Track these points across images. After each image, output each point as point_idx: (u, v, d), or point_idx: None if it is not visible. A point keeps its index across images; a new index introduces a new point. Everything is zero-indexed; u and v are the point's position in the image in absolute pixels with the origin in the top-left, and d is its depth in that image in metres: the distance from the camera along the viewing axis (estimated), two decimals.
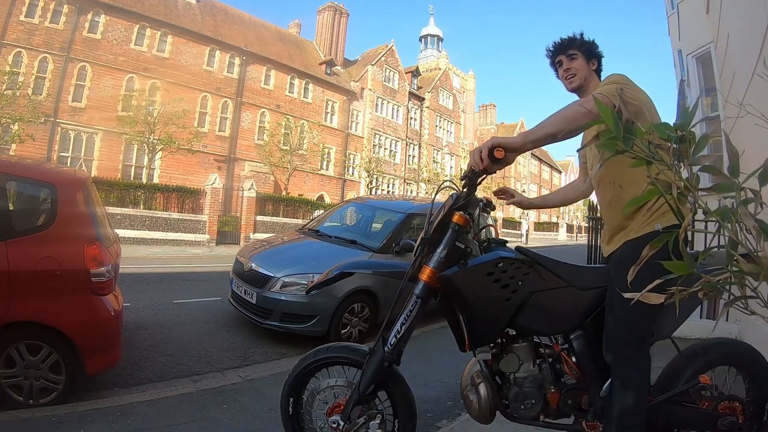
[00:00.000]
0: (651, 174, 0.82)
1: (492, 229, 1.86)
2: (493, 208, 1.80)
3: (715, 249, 0.79)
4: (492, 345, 1.69)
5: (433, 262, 1.63)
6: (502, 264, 1.59)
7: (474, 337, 1.64)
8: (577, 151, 1.74)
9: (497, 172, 1.57)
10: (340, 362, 1.78)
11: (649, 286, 0.79)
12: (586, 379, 1.63)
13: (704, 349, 1.73)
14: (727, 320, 4.16)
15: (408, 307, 1.65)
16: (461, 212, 1.64)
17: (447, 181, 1.97)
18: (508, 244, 1.73)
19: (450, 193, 1.76)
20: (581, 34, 1.79)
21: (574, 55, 1.76)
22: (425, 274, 1.63)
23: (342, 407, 1.69)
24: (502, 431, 2.17)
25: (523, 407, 1.63)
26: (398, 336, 1.64)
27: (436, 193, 1.90)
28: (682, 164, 0.77)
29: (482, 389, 1.65)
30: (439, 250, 1.64)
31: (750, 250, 0.72)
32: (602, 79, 1.77)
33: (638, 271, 0.84)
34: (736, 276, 0.73)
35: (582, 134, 1.62)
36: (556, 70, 1.84)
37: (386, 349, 1.64)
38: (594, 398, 1.62)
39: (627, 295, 0.83)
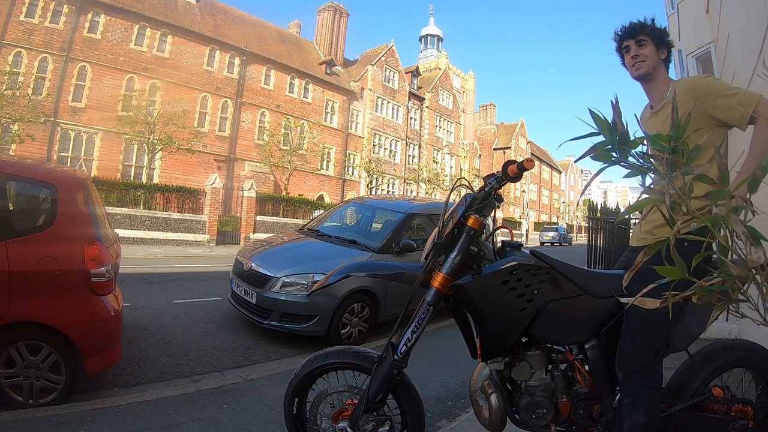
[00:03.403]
0: (645, 184, 0.84)
1: (506, 230, 1.78)
2: (502, 200, 1.72)
3: (710, 254, 0.81)
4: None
5: (446, 268, 1.57)
6: (517, 271, 1.52)
7: (487, 348, 1.60)
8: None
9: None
10: (350, 368, 1.75)
11: (644, 290, 0.81)
12: (599, 389, 1.59)
13: (717, 351, 1.67)
14: (726, 320, 4.17)
15: (419, 314, 1.61)
16: (477, 216, 1.58)
17: (461, 179, 1.90)
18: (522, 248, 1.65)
19: (463, 195, 1.68)
20: (653, 20, 1.68)
21: (644, 42, 1.65)
22: (437, 281, 1.57)
23: (349, 413, 1.66)
24: None
25: (534, 416, 1.59)
26: (408, 344, 1.61)
27: (450, 193, 1.83)
28: (675, 174, 0.80)
29: (494, 399, 1.61)
30: (452, 256, 1.57)
31: (740, 255, 0.75)
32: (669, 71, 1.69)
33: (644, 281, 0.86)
34: (727, 280, 0.75)
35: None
36: (622, 57, 1.72)
37: (396, 357, 1.61)
38: (606, 408, 1.58)
39: (623, 300, 0.85)
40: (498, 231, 1.76)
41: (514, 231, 32.39)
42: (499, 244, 1.66)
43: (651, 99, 1.71)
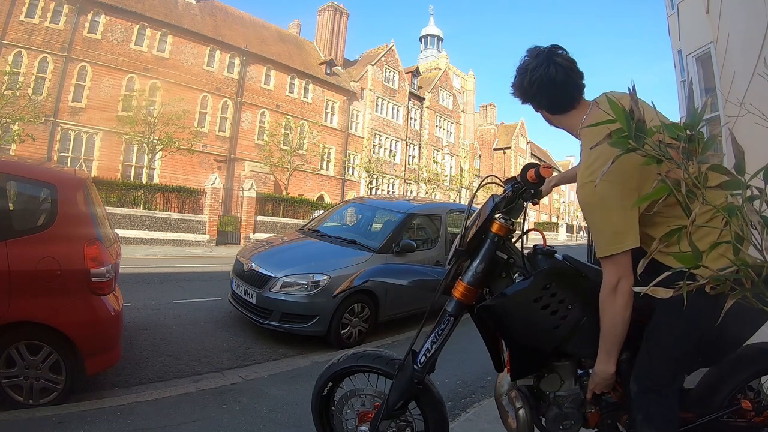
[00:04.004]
0: (661, 172, 0.83)
1: (539, 234, 1.66)
2: (541, 197, 1.59)
3: (722, 244, 0.80)
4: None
5: (468, 278, 1.48)
6: (550, 286, 1.42)
7: (516, 368, 1.53)
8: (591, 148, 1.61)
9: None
10: (377, 373, 1.71)
11: (657, 279, 0.80)
12: (628, 399, 1.47)
13: (752, 357, 1.54)
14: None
15: (440, 325, 1.53)
16: (503, 221, 1.47)
17: (491, 176, 1.77)
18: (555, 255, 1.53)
19: (491, 195, 1.58)
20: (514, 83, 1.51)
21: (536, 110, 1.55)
22: (459, 291, 1.49)
23: (372, 416, 1.65)
24: None
25: (561, 427, 1.53)
26: (428, 355, 1.55)
27: (476, 191, 1.73)
28: (690, 162, 0.79)
29: (522, 414, 1.54)
30: (475, 264, 1.48)
31: (755, 244, 0.74)
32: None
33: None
34: (742, 269, 0.74)
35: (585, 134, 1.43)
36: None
37: (416, 367, 1.56)
38: (634, 420, 1.49)
39: (636, 289, 0.84)
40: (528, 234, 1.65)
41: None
42: (531, 249, 1.55)
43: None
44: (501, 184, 1.64)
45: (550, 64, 1.37)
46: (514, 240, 1.56)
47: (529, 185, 1.51)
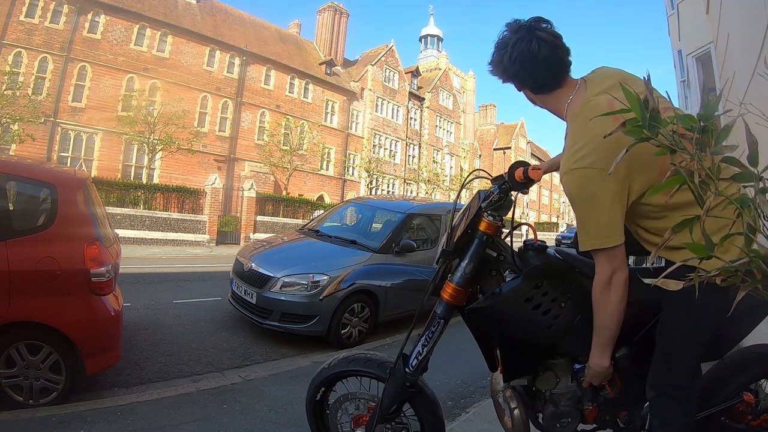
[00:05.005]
0: (675, 162, 0.83)
1: (529, 228, 1.60)
2: (527, 190, 1.54)
3: (734, 235, 0.80)
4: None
5: (456, 278, 1.44)
6: (542, 285, 1.37)
7: (510, 369, 1.50)
8: (604, 137, 1.51)
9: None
10: (369, 377, 1.69)
11: (667, 270, 0.80)
12: (627, 395, 1.45)
13: (752, 359, 1.51)
14: None
15: (430, 328, 1.50)
16: (491, 218, 1.42)
17: (476, 170, 1.71)
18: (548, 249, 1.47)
19: (477, 192, 1.54)
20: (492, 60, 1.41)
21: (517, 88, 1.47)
22: (447, 293, 1.45)
23: (367, 420, 1.64)
24: None
25: (558, 425, 1.49)
26: (419, 358, 1.53)
27: (462, 186, 1.68)
28: (704, 154, 0.79)
29: (517, 413, 1.51)
30: (463, 264, 1.44)
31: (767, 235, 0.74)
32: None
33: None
34: (754, 261, 0.74)
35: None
36: None
37: (407, 371, 1.54)
38: (633, 415, 1.47)
39: (647, 281, 0.83)
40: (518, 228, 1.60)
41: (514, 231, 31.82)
42: (521, 245, 1.50)
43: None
44: (490, 177, 1.60)
45: (533, 39, 1.25)
46: (503, 236, 1.52)
47: (517, 185, 1.48)
